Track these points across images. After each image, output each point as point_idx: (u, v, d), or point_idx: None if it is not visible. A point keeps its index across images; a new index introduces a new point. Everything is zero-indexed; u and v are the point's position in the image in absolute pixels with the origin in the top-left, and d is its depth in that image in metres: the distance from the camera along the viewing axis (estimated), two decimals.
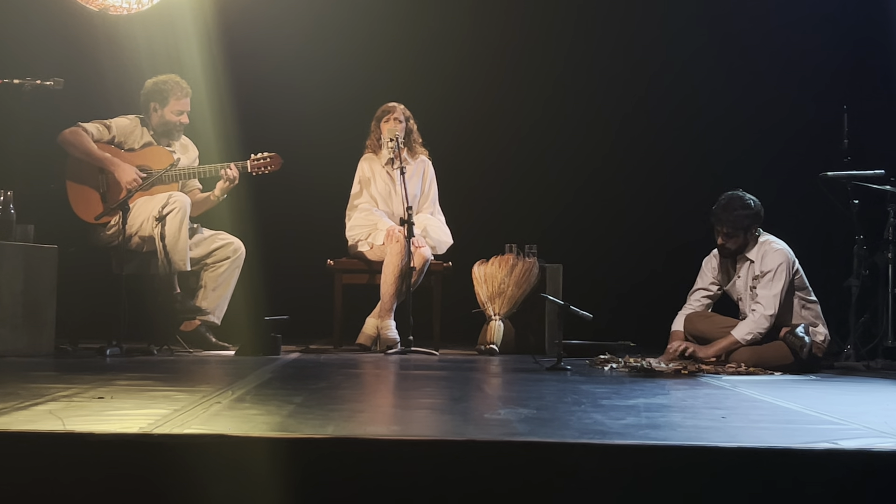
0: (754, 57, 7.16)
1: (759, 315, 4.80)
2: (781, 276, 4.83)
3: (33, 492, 2.10)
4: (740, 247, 4.96)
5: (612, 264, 7.26)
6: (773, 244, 4.92)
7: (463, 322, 6.05)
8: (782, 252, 4.88)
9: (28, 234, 4.96)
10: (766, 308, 4.80)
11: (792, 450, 2.19)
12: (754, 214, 4.91)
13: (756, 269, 4.91)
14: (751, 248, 4.95)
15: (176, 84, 5.65)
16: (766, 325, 4.80)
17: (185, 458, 2.11)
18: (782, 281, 4.82)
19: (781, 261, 4.85)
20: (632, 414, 2.81)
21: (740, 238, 4.93)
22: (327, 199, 6.39)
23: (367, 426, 2.55)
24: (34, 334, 4.79)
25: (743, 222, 4.89)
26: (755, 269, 4.91)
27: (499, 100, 7.38)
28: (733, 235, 4.92)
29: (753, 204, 4.92)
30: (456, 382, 3.91)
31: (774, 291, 4.81)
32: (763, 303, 4.82)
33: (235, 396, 3.03)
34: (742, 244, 4.95)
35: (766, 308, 4.80)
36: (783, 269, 4.83)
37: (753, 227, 4.93)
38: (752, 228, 4.93)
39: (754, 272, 4.91)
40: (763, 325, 4.80)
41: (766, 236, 4.98)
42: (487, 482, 2.11)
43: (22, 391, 3.02)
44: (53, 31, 6.31)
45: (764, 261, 4.88)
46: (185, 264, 5.35)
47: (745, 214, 4.89)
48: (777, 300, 4.80)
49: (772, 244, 4.92)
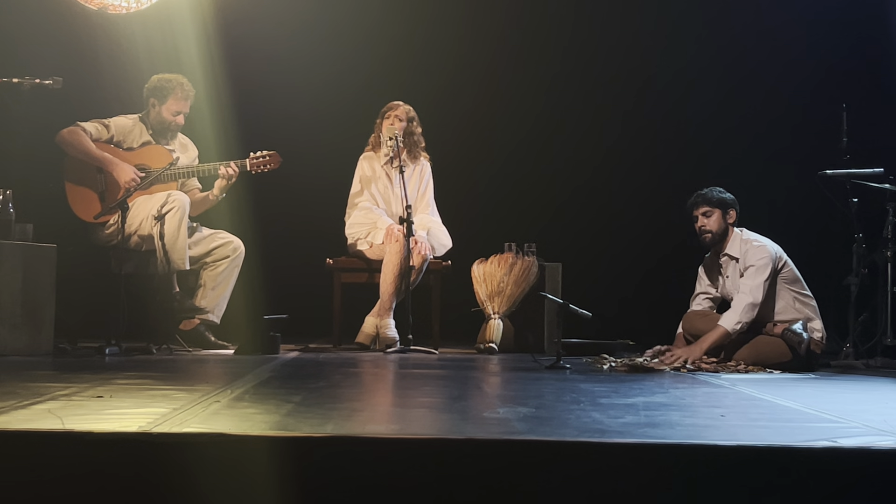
0: (753, 55, 7.16)
1: (744, 303, 4.84)
2: (766, 268, 4.88)
3: (32, 491, 2.10)
4: (720, 233, 5.01)
5: (612, 263, 7.26)
6: (755, 241, 5.00)
7: (462, 321, 6.05)
8: (764, 247, 4.95)
9: (27, 233, 4.96)
10: (749, 296, 4.84)
11: (791, 448, 2.19)
12: (727, 196, 5.07)
13: (741, 265, 4.97)
14: (733, 245, 5.01)
15: (179, 84, 5.65)
16: (751, 312, 4.83)
17: (184, 457, 2.11)
18: (766, 272, 4.88)
19: (764, 255, 4.92)
20: (631, 412, 2.81)
21: (718, 218, 5.02)
22: (326, 198, 6.39)
23: (366, 425, 2.55)
24: (33, 333, 4.79)
25: (718, 197, 5.04)
26: (740, 267, 4.96)
27: (498, 98, 7.39)
28: (711, 214, 5.03)
29: (725, 191, 5.10)
30: (455, 381, 3.91)
31: (758, 281, 4.87)
32: (746, 291, 4.87)
33: (234, 395, 3.03)
34: (722, 230, 5.01)
35: (750, 296, 4.84)
36: (767, 261, 4.90)
37: (730, 209, 5.04)
38: (728, 210, 5.03)
39: (740, 270, 4.96)
40: (748, 312, 4.83)
41: (748, 234, 5.04)
42: (486, 481, 2.11)
43: (21, 390, 3.02)
44: (52, 30, 6.31)
45: (747, 256, 4.96)
46: (184, 263, 5.35)
47: (719, 191, 5.08)
48: (761, 289, 4.85)
49: (753, 241, 5.00)
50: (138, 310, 5.26)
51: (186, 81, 5.69)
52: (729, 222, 5.04)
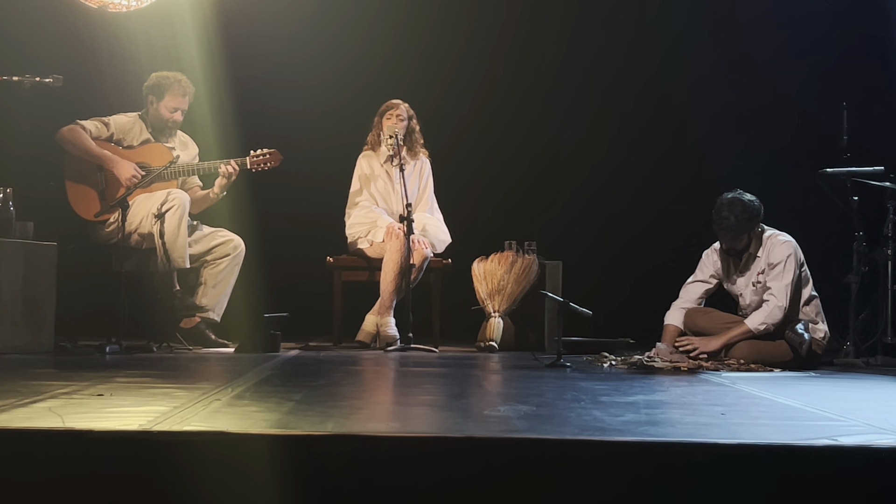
0: (754, 53, 7.16)
1: (773, 306, 4.79)
2: (791, 267, 4.82)
3: (33, 489, 2.10)
4: (746, 245, 4.96)
5: (612, 261, 7.26)
6: (779, 237, 4.92)
7: (462, 319, 6.05)
8: (789, 244, 4.88)
9: (27, 231, 4.96)
10: (778, 299, 4.80)
11: (792, 446, 2.19)
12: (755, 215, 4.88)
13: (762, 263, 4.90)
14: (755, 244, 4.95)
15: (177, 81, 5.65)
16: (780, 315, 4.79)
17: (185, 456, 2.11)
18: (792, 271, 4.82)
19: (790, 252, 4.85)
20: (631, 411, 2.81)
21: (745, 239, 4.93)
22: (327, 196, 6.39)
23: (366, 423, 2.55)
24: (34, 331, 4.79)
25: (745, 227, 4.87)
26: (761, 264, 4.91)
27: (499, 97, 7.39)
28: (742, 239, 4.92)
29: (754, 205, 4.88)
30: (455, 379, 3.91)
31: (786, 282, 4.81)
32: (776, 294, 4.81)
33: (235, 393, 3.03)
34: (747, 242, 4.96)
35: (779, 299, 4.79)
36: (792, 260, 4.83)
37: (756, 226, 4.93)
38: (755, 227, 4.93)
39: (760, 267, 4.91)
40: (777, 315, 4.79)
41: (770, 231, 4.97)
42: (487, 479, 2.11)
43: (21, 388, 3.02)
44: (52, 28, 6.31)
45: (771, 253, 4.88)
46: (184, 261, 5.35)
47: (747, 218, 4.85)
48: (788, 290, 4.80)
49: (777, 237, 4.92)
50: (139, 308, 5.26)
51: (185, 78, 5.69)
52: (753, 235, 4.93)
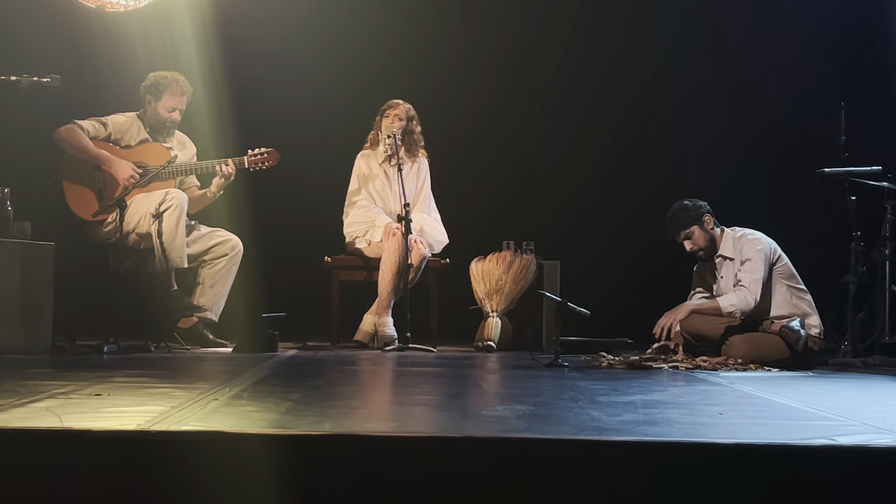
0: (752, 54, 7.17)
1: (745, 293, 4.88)
2: (762, 259, 4.90)
3: (31, 489, 2.10)
4: (710, 243, 5.01)
5: (610, 261, 7.27)
6: (748, 235, 5.01)
7: (460, 319, 6.05)
8: (758, 240, 4.97)
9: (25, 230, 4.95)
10: (750, 290, 4.88)
11: (789, 446, 2.19)
12: (693, 207, 5.02)
13: (737, 263, 4.97)
14: (726, 245, 5.02)
15: (174, 80, 5.64)
16: (751, 304, 4.87)
17: (183, 455, 2.11)
18: (762, 264, 4.89)
19: (759, 247, 4.93)
20: (629, 410, 2.81)
21: (699, 232, 5.01)
22: (325, 196, 6.39)
23: (364, 423, 2.55)
24: (31, 331, 4.79)
25: (684, 218, 5.00)
26: (736, 263, 4.97)
27: (497, 97, 7.39)
28: (691, 234, 5.01)
29: (688, 203, 5.04)
30: (453, 379, 3.91)
31: (756, 276, 4.89)
32: (746, 285, 4.89)
33: (233, 393, 3.03)
34: (709, 239, 5.01)
35: (751, 290, 4.88)
36: (762, 254, 4.91)
37: (702, 217, 5.01)
38: (702, 218, 5.00)
39: (737, 267, 4.96)
40: (748, 303, 4.87)
41: (742, 231, 5.05)
42: (485, 479, 2.11)
43: (19, 388, 3.01)
44: (50, 27, 6.31)
45: (742, 251, 4.97)
46: (182, 261, 5.35)
47: (682, 209, 5.02)
48: (759, 284, 4.88)
49: (746, 235, 5.01)
50: (137, 308, 5.26)
51: (182, 78, 5.68)
52: (710, 228, 5.03)
